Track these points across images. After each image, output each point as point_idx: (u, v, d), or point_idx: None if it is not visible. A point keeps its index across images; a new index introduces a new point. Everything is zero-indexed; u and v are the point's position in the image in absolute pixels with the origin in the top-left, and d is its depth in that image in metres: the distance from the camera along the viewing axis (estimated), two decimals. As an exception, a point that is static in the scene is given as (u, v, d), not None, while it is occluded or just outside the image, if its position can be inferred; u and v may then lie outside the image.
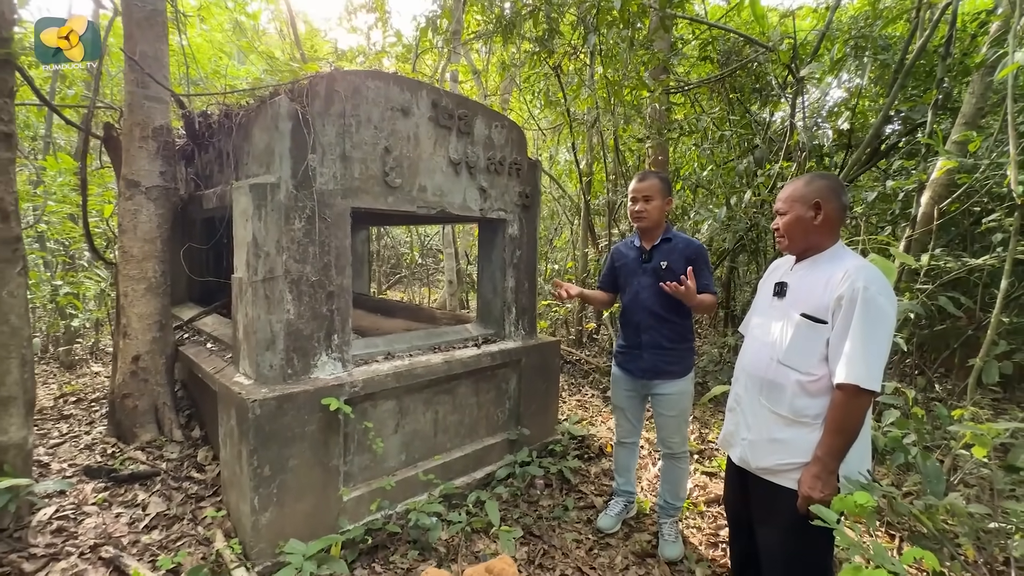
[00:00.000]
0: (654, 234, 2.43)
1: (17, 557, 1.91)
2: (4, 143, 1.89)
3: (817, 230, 1.63)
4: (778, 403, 1.63)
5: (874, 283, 1.48)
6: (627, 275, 2.49)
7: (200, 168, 3.09)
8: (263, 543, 2.05)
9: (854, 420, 1.47)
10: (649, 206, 2.36)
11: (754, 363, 1.74)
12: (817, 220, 1.61)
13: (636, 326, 2.43)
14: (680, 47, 5.40)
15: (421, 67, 9.08)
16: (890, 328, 1.48)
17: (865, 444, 1.64)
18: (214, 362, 2.59)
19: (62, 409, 3.40)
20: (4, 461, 2.00)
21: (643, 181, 2.39)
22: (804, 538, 1.54)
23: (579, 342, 5.80)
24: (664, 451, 2.51)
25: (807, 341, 1.57)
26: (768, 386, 1.67)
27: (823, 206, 1.60)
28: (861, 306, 1.46)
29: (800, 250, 1.71)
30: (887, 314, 1.47)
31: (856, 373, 1.44)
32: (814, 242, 1.66)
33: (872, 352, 1.44)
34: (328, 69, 2.24)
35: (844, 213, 1.64)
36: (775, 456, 1.63)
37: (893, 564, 1.25)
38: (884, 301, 1.48)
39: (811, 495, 1.49)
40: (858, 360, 1.44)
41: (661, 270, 2.37)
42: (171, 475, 2.50)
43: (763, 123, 4.75)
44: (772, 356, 1.65)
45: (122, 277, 2.75)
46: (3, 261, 1.95)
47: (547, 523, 2.61)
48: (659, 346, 2.39)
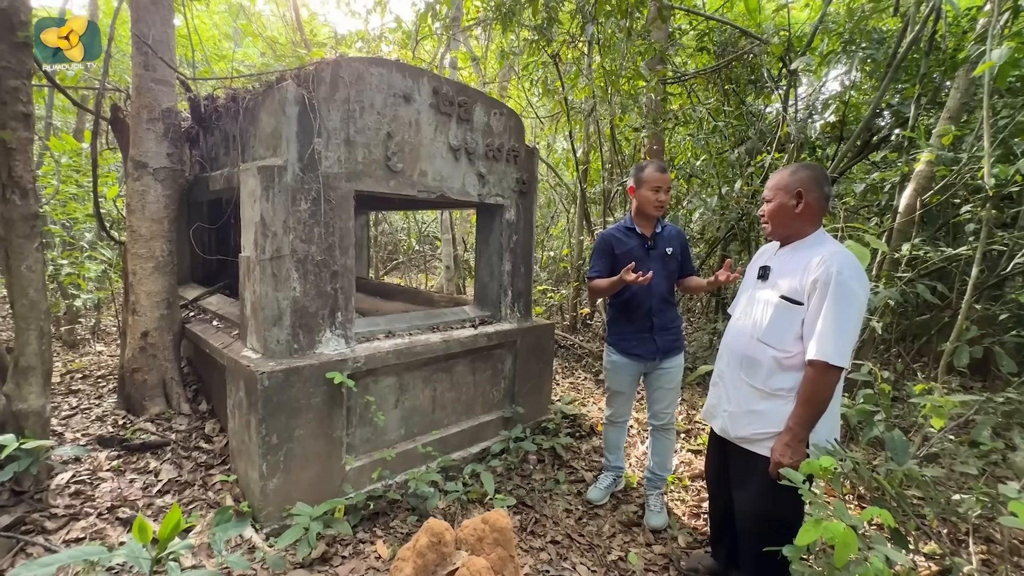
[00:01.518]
0: (651, 222, 2.55)
1: (39, 516, 2.03)
2: (23, 123, 1.96)
3: (798, 218, 1.74)
4: (756, 377, 1.76)
5: (847, 268, 1.60)
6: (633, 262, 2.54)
7: (206, 150, 3.16)
8: (271, 507, 2.17)
9: (823, 393, 1.61)
10: (666, 196, 2.50)
11: (736, 340, 1.88)
12: (798, 208, 1.73)
13: (648, 311, 2.52)
14: (678, 37, 5.46)
15: (420, 53, 9.07)
16: (860, 310, 1.60)
17: (834, 417, 1.78)
18: (221, 338, 2.70)
19: (70, 385, 3.50)
20: (24, 427, 2.10)
21: (665, 173, 2.48)
22: (773, 498, 1.69)
23: (573, 327, 5.93)
24: (655, 424, 2.64)
25: (784, 321, 1.70)
26: (747, 362, 1.80)
27: (804, 195, 1.71)
28: (834, 289, 1.58)
29: (782, 236, 1.83)
30: (857, 297, 1.59)
31: (826, 350, 1.57)
32: (796, 229, 1.78)
33: (842, 332, 1.56)
34: (333, 56, 2.31)
35: (826, 202, 1.74)
36: (752, 426, 1.77)
37: (850, 518, 1.38)
38: (855, 285, 1.59)
39: (781, 460, 1.64)
40: (828, 339, 1.57)
41: (668, 256, 2.53)
42: (180, 445, 2.62)
43: (758, 114, 4.84)
44: (752, 334, 1.78)
45: (130, 256, 2.83)
46: (22, 237, 2.04)
47: (539, 495, 2.75)
48: (666, 327, 2.55)
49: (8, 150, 1.94)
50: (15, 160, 1.96)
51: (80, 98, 4.91)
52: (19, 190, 1.99)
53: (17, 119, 1.95)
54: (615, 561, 2.31)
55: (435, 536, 1.34)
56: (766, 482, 1.70)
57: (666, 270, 2.53)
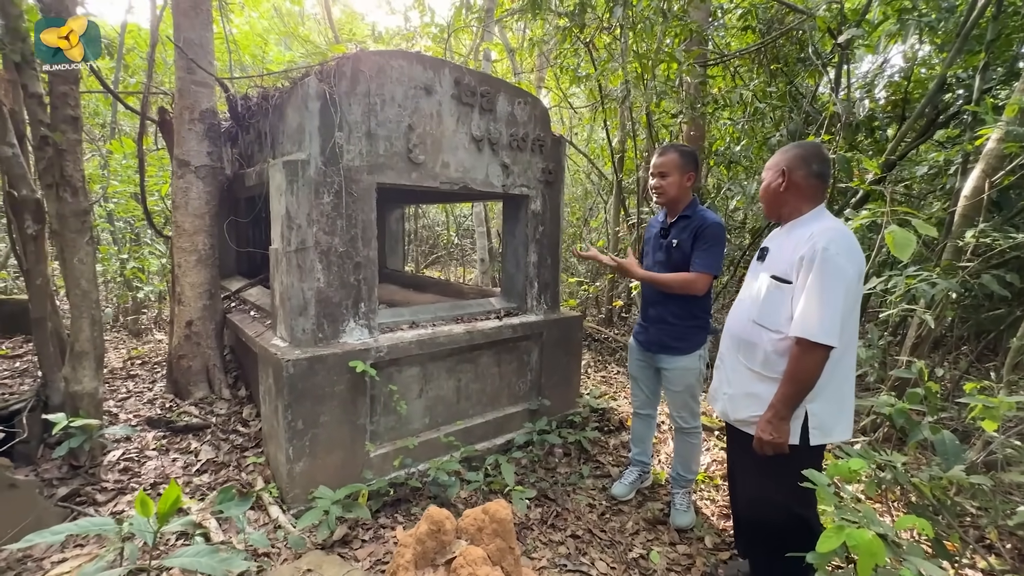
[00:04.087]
0: (675, 209, 2.42)
1: (92, 489, 2.21)
2: (72, 125, 2.12)
3: (782, 196, 1.73)
4: (752, 359, 1.74)
5: (834, 244, 1.54)
6: (648, 248, 2.53)
7: (243, 148, 3.30)
8: (297, 489, 2.26)
9: (806, 371, 1.56)
10: (664, 182, 2.34)
11: (735, 323, 1.86)
12: (782, 187, 1.72)
13: (646, 299, 2.49)
14: (719, 16, 5.19)
15: (457, 48, 9.12)
16: (847, 287, 1.54)
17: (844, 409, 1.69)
18: (256, 327, 2.82)
19: (129, 370, 3.78)
20: (79, 407, 2.28)
21: (661, 156, 2.38)
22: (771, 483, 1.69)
23: (608, 320, 5.82)
24: (676, 425, 2.55)
25: (776, 301, 1.67)
26: (744, 344, 1.78)
27: (789, 173, 1.70)
28: (819, 265, 1.54)
29: (773, 214, 1.84)
30: (844, 273, 1.53)
31: (808, 327, 1.53)
32: (787, 207, 1.76)
33: (826, 308, 1.51)
34: (353, 50, 2.34)
35: (816, 181, 1.70)
36: (750, 409, 1.75)
37: (880, 525, 1.27)
38: (843, 261, 1.53)
39: (762, 436, 1.64)
40: (811, 315, 1.53)
41: (672, 247, 2.38)
42: (220, 428, 2.77)
43: (807, 95, 4.53)
44: (749, 316, 1.77)
45: (176, 250, 3.01)
46: (74, 232, 2.20)
47: (562, 488, 2.72)
48: (663, 321, 2.42)
49: (59, 151, 2.10)
50: (66, 160, 2.11)
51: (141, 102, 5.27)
52: (70, 188, 2.14)
53: (67, 122, 2.10)
54: (636, 559, 2.25)
55: (435, 524, 1.34)
56: (763, 466, 1.69)
57: (669, 261, 2.38)
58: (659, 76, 4.64)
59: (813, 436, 1.62)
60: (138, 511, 1.08)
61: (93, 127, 6.73)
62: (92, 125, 6.52)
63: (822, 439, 1.63)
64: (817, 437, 1.62)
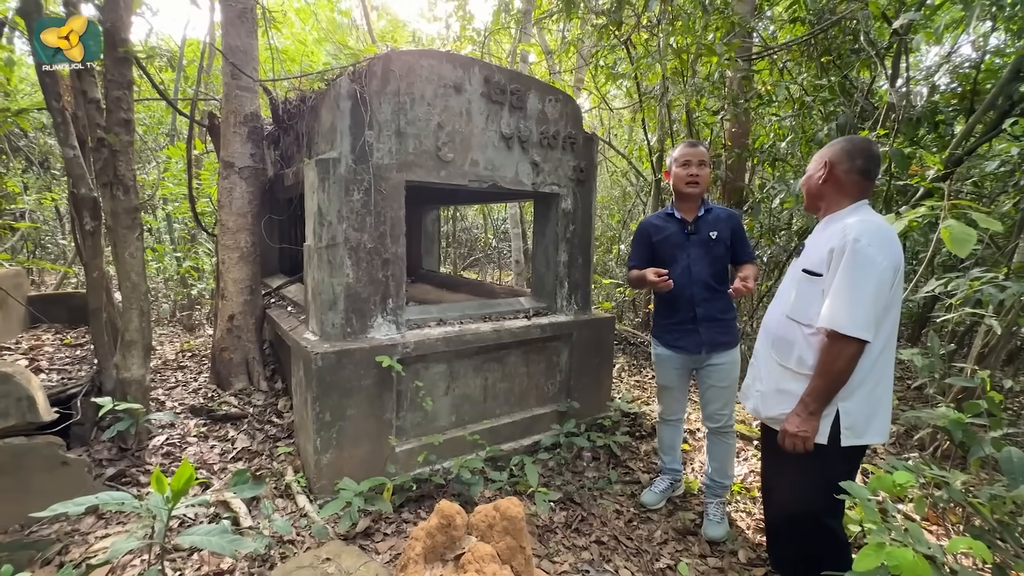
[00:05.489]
0: (693, 205, 2.38)
1: (136, 471, 2.33)
2: (124, 128, 2.26)
3: (821, 189, 1.70)
4: (786, 356, 1.70)
5: (866, 235, 1.49)
6: (671, 249, 2.40)
7: (284, 150, 3.44)
8: (324, 480, 2.31)
9: (836, 365, 1.51)
10: (703, 172, 2.33)
11: (770, 319, 1.83)
12: (821, 179, 1.68)
13: (689, 300, 2.36)
14: (766, 8, 4.98)
15: (498, 51, 9.19)
16: (880, 279, 1.47)
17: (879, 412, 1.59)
18: (291, 322, 2.92)
19: (180, 362, 4.00)
20: (128, 393, 2.43)
21: (696, 147, 2.36)
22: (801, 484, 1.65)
23: (645, 324, 5.66)
24: (711, 426, 2.44)
25: (807, 295, 1.64)
26: (778, 340, 1.75)
27: (831, 167, 1.66)
28: (849, 256, 1.49)
29: (811, 207, 1.81)
30: (876, 265, 1.46)
31: (835, 318, 1.48)
32: (825, 201, 1.72)
33: (856, 299, 1.46)
34: (384, 50, 2.39)
35: (858, 177, 1.65)
36: (781, 406, 1.70)
37: (926, 545, 1.15)
38: (874, 252, 1.48)
39: (787, 428, 1.60)
40: (839, 306, 1.48)
41: (712, 241, 2.34)
42: (256, 418, 2.88)
43: (860, 88, 4.26)
44: (782, 311, 1.73)
45: (220, 247, 3.17)
46: (125, 227, 2.35)
47: (589, 492, 2.65)
48: (713, 318, 2.34)
49: (113, 152, 2.24)
50: (119, 161, 2.26)
51: (202, 107, 5.60)
52: (122, 187, 2.29)
53: (120, 125, 2.24)
54: (663, 569, 2.16)
55: (445, 519, 1.33)
56: (792, 466, 1.63)
57: (710, 255, 2.33)
58: (700, 72, 4.49)
59: (844, 437, 1.55)
60: (154, 487, 1.13)
61: (159, 136, 7.22)
62: (155, 132, 6.99)
63: (854, 440, 1.56)
64: (849, 438, 1.55)
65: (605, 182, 9.19)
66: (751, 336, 4.52)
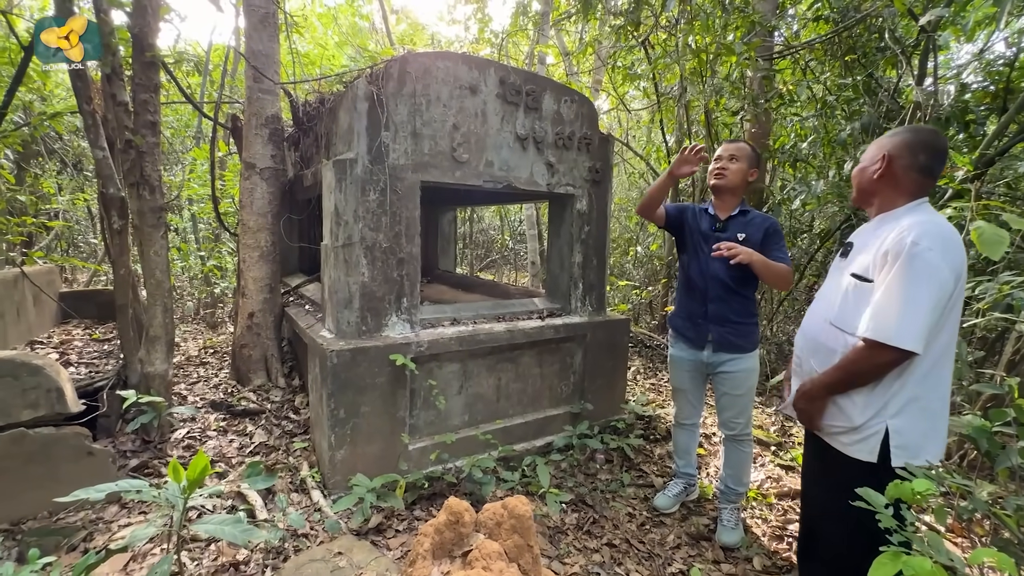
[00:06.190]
0: (730, 202, 2.33)
1: (158, 463, 2.40)
2: (151, 130, 2.34)
3: (876, 184, 1.55)
4: (827, 364, 1.58)
5: (927, 237, 1.34)
6: (696, 240, 2.38)
7: (303, 151, 3.50)
8: (338, 476, 2.34)
9: (860, 368, 1.44)
10: (732, 165, 2.26)
11: (810, 325, 1.71)
12: (876, 173, 1.53)
13: (703, 295, 2.33)
14: (788, 6, 4.89)
15: (516, 53, 9.22)
16: (940, 287, 1.33)
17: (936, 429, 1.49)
18: (308, 320, 2.97)
19: (202, 358, 4.10)
20: (151, 387, 2.50)
21: (733, 142, 2.32)
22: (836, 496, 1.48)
23: (662, 327, 5.60)
24: (726, 433, 2.40)
25: (854, 302, 1.51)
26: (820, 348, 1.63)
27: (891, 160, 1.50)
28: (905, 260, 1.35)
29: (862, 203, 1.66)
30: (937, 271, 1.32)
31: (882, 327, 1.36)
32: (879, 198, 1.57)
33: (909, 307, 1.33)
34: (401, 52, 2.42)
35: (918, 175, 1.50)
36: (826, 416, 1.59)
37: (946, 555, 1.12)
38: (935, 257, 1.33)
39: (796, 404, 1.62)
40: (888, 314, 1.35)
41: (739, 242, 2.25)
42: (273, 414, 2.93)
43: (887, 87, 4.15)
44: (825, 317, 1.61)
45: (241, 246, 3.24)
46: (150, 226, 2.42)
47: (601, 495, 2.63)
48: (725, 319, 2.29)
49: (140, 153, 2.32)
50: (145, 161, 2.33)
51: (227, 110, 5.75)
52: (148, 187, 2.36)
53: (146, 127, 2.32)
54: (675, 574, 2.13)
55: (453, 515, 1.33)
56: (836, 481, 1.52)
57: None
58: (719, 72, 4.43)
59: (896, 456, 1.43)
60: (170, 476, 1.16)
61: (186, 138, 7.43)
62: (182, 135, 7.20)
63: (908, 459, 1.42)
64: (901, 457, 1.43)
65: (623, 184, 9.13)
66: (770, 340, 4.44)
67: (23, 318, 3.44)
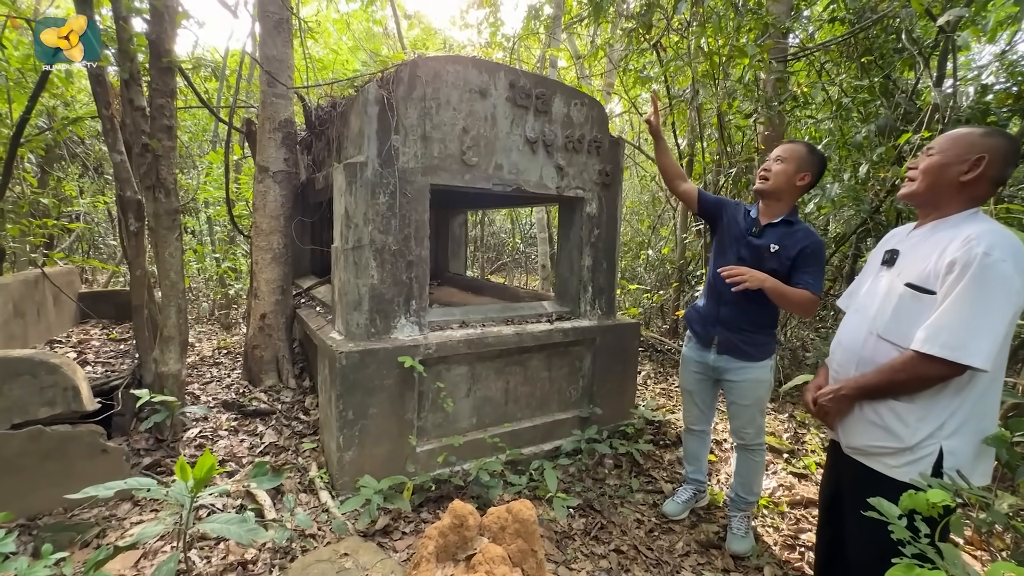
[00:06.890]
0: (775, 208, 2.18)
1: (170, 461, 2.43)
2: (167, 134, 2.38)
3: (956, 188, 1.41)
4: None
5: (999, 248, 1.26)
6: (729, 239, 2.28)
7: (316, 155, 3.54)
8: (346, 477, 2.35)
9: (904, 381, 1.37)
10: (777, 167, 2.11)
11: (851, 338, 1.60)
12: (966, 176, 1.39)
13: (718, 295, 2.26)
14: (803, 8, 4.84)
15: (527, 56, 9.24)
16: (1013, 300, 1.25)
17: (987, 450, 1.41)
18: (319, 321, 3.00)
19: (216, 358, 4.16)
20: (165, 387, 2.54)
21: (787, 144, 2.16)
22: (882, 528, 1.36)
23: (673, 332, 5.56)
24: (737, 442, 2.36)
25: (909, 314, 1.40)
26: (865, 363, 1.52)
27: (985, 167, 1.37)
28: (977, 271, 1.26)
29: (924, 201, 1.51)
30: (1011, 285, 1.24)
31: (949, 342, 1.26)
32: (945, 201, 1.45)
33: (980, 323, 1.24)
34: (411, 56, 2.44)
35: (994, 185, 1.41)
36: (868, 437, 1.50)
37: (962, 569, 1.09)
38: (1009, 268, 1.24)
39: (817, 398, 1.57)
40: (957, 328, 1.26)
41: (768, 252, 2.13)
42: (283, 414, 2.96)
43: (904, 89, 4.08)
44: (871, 330, 1.51)
45: (254, 248, 3.29)
46: (166, 229, 2.47)
47: (609, 500, 2.61)
48: (736, 325, 2.23)
49: (156, 157, 2.36)
50: (161, 165, 2.38)
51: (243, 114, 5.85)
52: (164, 189, 2.41)
53: (162, 131, 2.36)
54: (683, 582, 2.10)
55: (458, 519, 1.33)
56: None
57: (757, 264, 2.15)
58: (732, 75, 4.39)
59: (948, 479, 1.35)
60: (178, 475, 1.18)
61: (204, 142, 7.57)
62: (200, 139, 7.33)
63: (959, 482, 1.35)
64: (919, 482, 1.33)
65: (635, 187, 9.08)
66: (784, 346, 4.37)
67: (43, 318, 3.53)
